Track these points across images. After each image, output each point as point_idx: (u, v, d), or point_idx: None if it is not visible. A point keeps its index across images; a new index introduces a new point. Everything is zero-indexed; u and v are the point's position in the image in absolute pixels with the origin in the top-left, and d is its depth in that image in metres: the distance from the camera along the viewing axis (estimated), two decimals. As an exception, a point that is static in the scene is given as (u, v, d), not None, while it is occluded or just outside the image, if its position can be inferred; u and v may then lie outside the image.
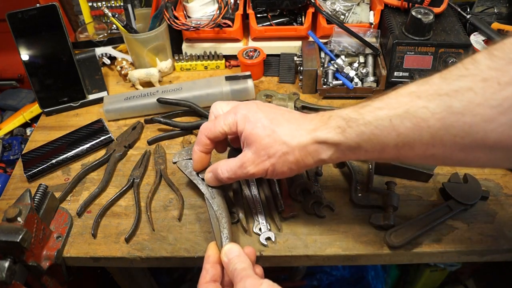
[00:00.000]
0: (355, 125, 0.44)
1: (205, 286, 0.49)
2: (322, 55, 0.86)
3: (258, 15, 0.90)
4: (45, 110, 0.86)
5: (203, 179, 0.60)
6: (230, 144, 0.62)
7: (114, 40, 0.96)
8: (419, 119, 0.40)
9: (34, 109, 0.93)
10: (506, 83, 0.36)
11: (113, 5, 0.99)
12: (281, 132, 0.49)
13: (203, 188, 0.60)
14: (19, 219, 0.54)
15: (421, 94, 0.41)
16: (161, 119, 0.78)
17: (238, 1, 0.92)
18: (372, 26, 0.87)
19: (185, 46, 0.94)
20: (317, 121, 0.48)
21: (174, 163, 0.65)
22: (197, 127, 0.78)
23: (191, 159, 0.62)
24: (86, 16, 1.00)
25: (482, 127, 0.38)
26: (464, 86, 0.38)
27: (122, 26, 0.86)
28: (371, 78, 0.82)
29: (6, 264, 0.53)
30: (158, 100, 0.79)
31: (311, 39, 0.88)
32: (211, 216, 0.58)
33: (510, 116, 0.36)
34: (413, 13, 0.76)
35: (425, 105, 0.40)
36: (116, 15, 0.85)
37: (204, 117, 0.79)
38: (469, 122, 0.38)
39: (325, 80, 0.83)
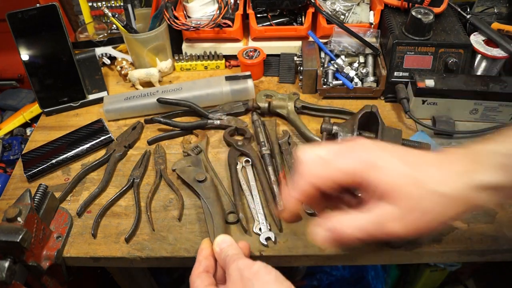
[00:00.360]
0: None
1: (197, 276, 0.49)
2: (322, 55, 0.86)
3: (258, 15, 0.90)
4: (45, 110, 0.86)
5: (198, 181, 0.64)
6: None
7: (114, 40, 0.96)
8: None
9: (34, 109, 0.93)
10: None
11: (113, 5, 0.99)
12: (427, 178, 0.39)
13: (199, 189, 0.64)
14: (19, 219, 0.54)
15: None
16: (161, 119, 0.78)
17: (238, 1, 0.92)
18: (372, 26, 0.87)
19: (185, 46, 0.94)
20: (466, 161, 0.39)
21: (174, 170, 0.69)
22: (197, 127, 0.78)
23: (190, 166, 0.68)
24: (86, 16, 1.00)
25: None
26: None
27: (122, 26, 0.86)
28: (371, 78, 0.82)
29: (6, 264, 0.53)
30: (158, 100, 0.79)
31: (311, 39, 0.88)
32: (206, 215, 0.61)
33: None
34: (413, 13, 0.76)
35: None
36: (116, 15, 0.85)
37: (204, 117, 0.79)
38: None
39: (325, 80, 0.83)
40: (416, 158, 0.41)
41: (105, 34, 0.98)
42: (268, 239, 0.60)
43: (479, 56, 0.79)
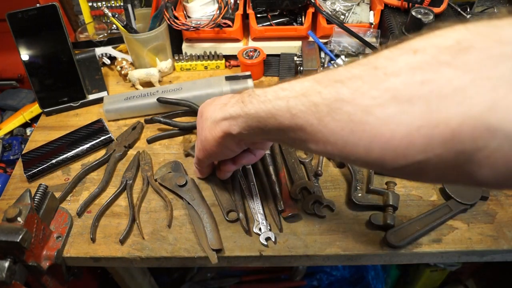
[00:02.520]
0: (256, 101, 0.45)
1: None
2: (322, 55, 0.86)
3: (258, 15, 0.90)
4: (45, 110, 0.86)
5: (180, 186, 0.67)
6: None
7: (114, 40, 0.96)
8: (311, 103, 0.38)
9: (34, 109, 0.93)
10: (392, 73, 0.33)
11: (113, 5, 0.99)
12: (207, 112, 0.55)
13: (183, 193, 0.66)
14: (19, 219, 0.54)
15: (322, 80, 0.39)
16: (161, 119, 0.78)
17: (238, 1, 0.92)
18: (372, 26, 0.87)
19: (185, 46, 0.94)
20: (229, 97, 0.52)
21: (156, 180, 0.70)
22: (196, 126, 0.78)
23: (170, 172, 0.71)
24: (86, 16, 1.00)
25: (359, 119, 0.35)
26: (357, 74, 0.36)
27: (122, 26, 0.86)
28: (371, 78, 0.82)
29: (6, 264, 0.53)
30: (158, 99, 0.79)
31: (311, 39, 0.88)
32: (192, 217, 0.63)
33: (387, 110, 0.33)
34: (413, 13, 0.76)
35: (320, 90, 0.38)
36: (116, 15, 0.85)
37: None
38: (350, 111, 0.35)
39: (325, 80, 0.83)
40: (214, 101, 0.56)
41: (105, 34, 0.98)
42: (268, 239, 0.60)
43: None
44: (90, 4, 0.99)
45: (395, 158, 0.34)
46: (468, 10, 0.88)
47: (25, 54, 0.82)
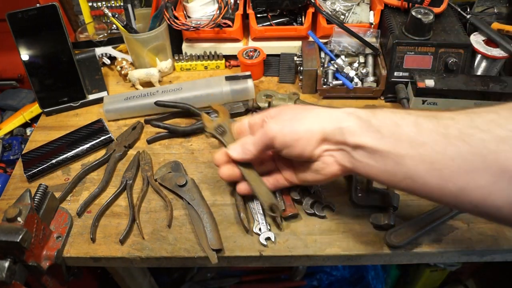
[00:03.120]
0: (385, 133, 0.45)
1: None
2: (322, 55, 0.86)
3: (258, 15, 0.90)
4: (45, 110, 0.86)
5: (180, 186, 0.66)
6: None
7: (114, 40, 0.96)
8: (441, 124, 0.41)
9: (34, 109, 0.93)
10: None
11: (113, 5, 0.99)
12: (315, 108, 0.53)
13: (182, 193, 0.66)
14: (19, 219, 0.54)
15: (453, 109, 0.43)
16: (160, 124, 0.77)
17: (238, 1, 0.92)
18: (372, 26, 0.87)
19: (185, 46, 0.94)
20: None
21: (156, 180, 0.69)
22: (195, 131, 0.78)
23: (170, 172, 0.70)
24: (86, 16, 1.00)
25: (495, 148, 0.37)
26: (492, 109, 0.39)
27: (122, 26, 0.86)
28: (371, 78, 0.82)
29: (6, 264, 0.53)
30: (155, 103, 0.79)
31: (311, 39, 0.88)
32: (192, 217, 0.63)
33: None
34: (413, 13, 0.76)
35: (453, 116, 0.41)
36: (116, 15, 0.85)
37: (204, 117, 0.79)
38: (484, 138, 0.38)
39: (325, 80, 0.83)
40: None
41: (105, 34, 0.98)
42: (268, 239, 0.60)
43: (479, 56, 0.79)
44: (90, 4, 0.99)
45: None
46: (468, 10, 0.88)
47: (25, 54, 0.82)
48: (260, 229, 0.61)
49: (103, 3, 0.98)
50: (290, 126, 0.52)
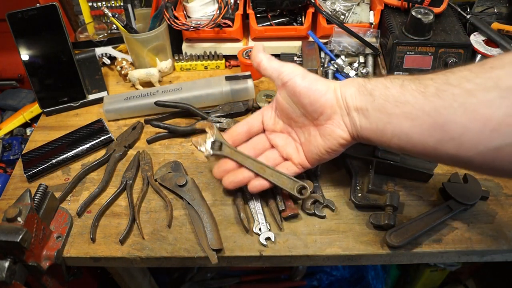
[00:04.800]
0: (380, 90, 0.50)
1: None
2: (322, 55, 0.86)
3: (258, 15, 0.90)
4: (45, 110, 0.86)
5: (180, 186, 0.66)
6: None
7: (114, 40, 0.96)
8: (422, 84, 0.46)
9: (34, 109, 0.93)
10: (497, 66, 0.41)
11: (113, 5, 0.99)
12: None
13: (183, 193, 0.66)
14: (19, 219, 0.54)
15: (435, 72, 0.46)
16: (160, 124, 0.77)
17: (238, 1, 0.92)
18: (372, 26, 0.87)
19: (185, 46, 0.94)
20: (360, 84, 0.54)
21: (156, 180, 0.69)
22: (195, 131, 0.78)
23: (170, 172, 0.70)
24: (86, 16, 1.00)
25: (463, 100, 0.41)
26: (467, 67, 0.43)
27: (122, 26, 0.86)
28: (371, 78, 0.82)
29: (6, 264, 0.53)
30: (155, 103, 0.79)
31: (311, 39, 0.88)
32: (192, 217, 0.63)
33: (489, 95, 0.40)
34: (413, 13, 0.76)
35: (432, 77, 0.45)
36: (116, 15, 0.85)
37: (203, 118, 0.79)
38: (455, 93, 0.42)
39: (325, 80, 0.83)
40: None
41: (105, 34, 0.98)
42: (268, 239, 0.60)
43: (479, 56, 0.79)
44: (90, 4, 0.99)
45: (489, 139, 0.40)
46: (468, 10, 0.88)
47: (25, 54, 0.82)
48: (260, 229, 0.61)
49: (103, 3, 0.98)
50: (309, 76, 0.56)
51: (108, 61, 0.95)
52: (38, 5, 0.80)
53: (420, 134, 0.45)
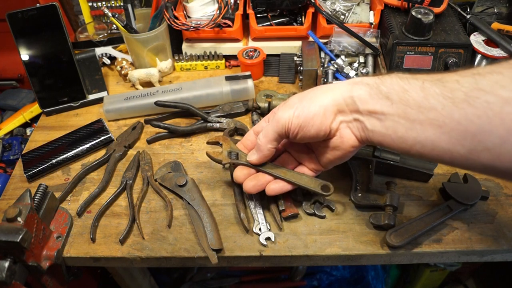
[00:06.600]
0: (397, 91, 0.46)
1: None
2: (322, 55, 0.86)
3: (258, 15, 0.90)
4: (45, 110, 0.86)
5: (180, 186, 0.66)
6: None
7: (114, 40, 0.96)
8: (447, 88, 0.42)
9: (34, 109, 0.93)
10: None
11: (113, 5, 0.99)
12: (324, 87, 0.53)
13: (183, 193, 0.66)
14: (19, 219, 0.54)
15: (459, 72, 0.43)
16: (160, 124, 0.77)
17: (238, 1, 0.92)
18: (372, 26, 0.87)
19: (185, 46, 0.94)
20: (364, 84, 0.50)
21: (156, 180, 0.69)
22: (195, 131, 0.78)
23: (170, 172, 0.70)
24: (86, 16, 1.00)
25: (499, 109, 0.37)
26: (497, 70, 0.39)
27: (122, 26, 0.86)
28: (371, 78, 0.82)
29: (6, 264, 0.53)
30: (155, 103, 0.79)
31: (311, 39, 0.88)
32: (192, 217, 0.63)
33: None
34: (413, 13, 0.76)
35: (457, 78, 0.41)
36: (116, 15, 0.85)
37: (203, 119, 0.79)
38: (489, 100, 0.38)
39: (325, 80, 0.83)
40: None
41: (105, 34, 0.98)
42: (268, 239, 0.60)
43: (479, 56, 0.79)
44: (90, 4, 0.99)
45: None
46: (468, 10, 0.88)
47: (25, 54, 0.82)
48: (260, 229, 0.61)
49: (103, 3, 0.99)
50: (301, 107, 0.52)
51: (108, 61, 0.95)
52: (38, 5, 0.80)
53: (448, 142, 0.42)
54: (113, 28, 0.99)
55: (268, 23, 0.90)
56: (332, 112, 0.51)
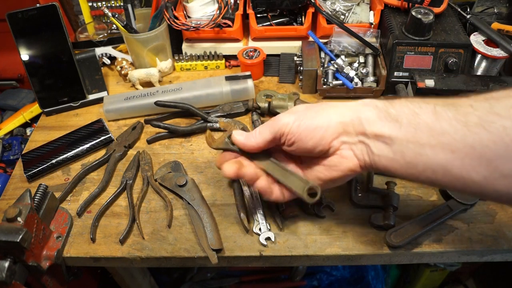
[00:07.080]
0: (408, 118, 0.44)
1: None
2: (322, 55, 0.86)
3: (258, 15, 0.90)
4: (45, 110, 0.86)
5: (180, 186, 0.66)
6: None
7: (114, 40, 0.96)
8: (460, 112, 0.40)
9: (34, 109, 0.93)
10: None
11: (113, 5, 0.99)
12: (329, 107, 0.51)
13: (183, 193, 0.66)
14: (19, 219, 0.54)
15: (471, 96, 0.41)
16: (160, 124, 0.77)
17: (238, 1, 0.92)
18: (372, 26, 0.87)
19: (185, 46, 0.94)
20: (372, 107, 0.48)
21: (156, 180, 0.69)
22: (195, 131, 0.78)
23: (170, 172, 0.69)
24: (86, 16, 1.00)
25: None
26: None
27: (122, 26, 0.86)
28: (371, 78, 0.82)
29: (6, 264, 0.53)
30: (155, 103, 0.79)
31: (311, 39, 0.88)
32: (192, 217, 0.63)
33: None
34: (413, 13, 0.76)
35: (471, 103, 0.40)
36: (116, 15, 0.85)
37: (203, 119, 0.79)
38: (506, 125, 0.37)
39: (325, 80, 0.83)
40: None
41: (105, 34, 0.98)
42: (267, 239, 0.60)
43: (479, 56, 0.79)
44: (90, 4, 0.99)
45: None
46: (468, 10, 0.88)
47: (25, 54, 0.82)
48: (260, 229, 0.61)
49: (103, 3, 0.98)
50: (305, 116, 0.50)
51: (108, 61, 0.95)
52: (38, 5, 0.80)
53: (461, 168, 0.39)
54: (113, 28, 0.99)
55: (268, 23, 0.90)
56: (336, 130, 0.48)
